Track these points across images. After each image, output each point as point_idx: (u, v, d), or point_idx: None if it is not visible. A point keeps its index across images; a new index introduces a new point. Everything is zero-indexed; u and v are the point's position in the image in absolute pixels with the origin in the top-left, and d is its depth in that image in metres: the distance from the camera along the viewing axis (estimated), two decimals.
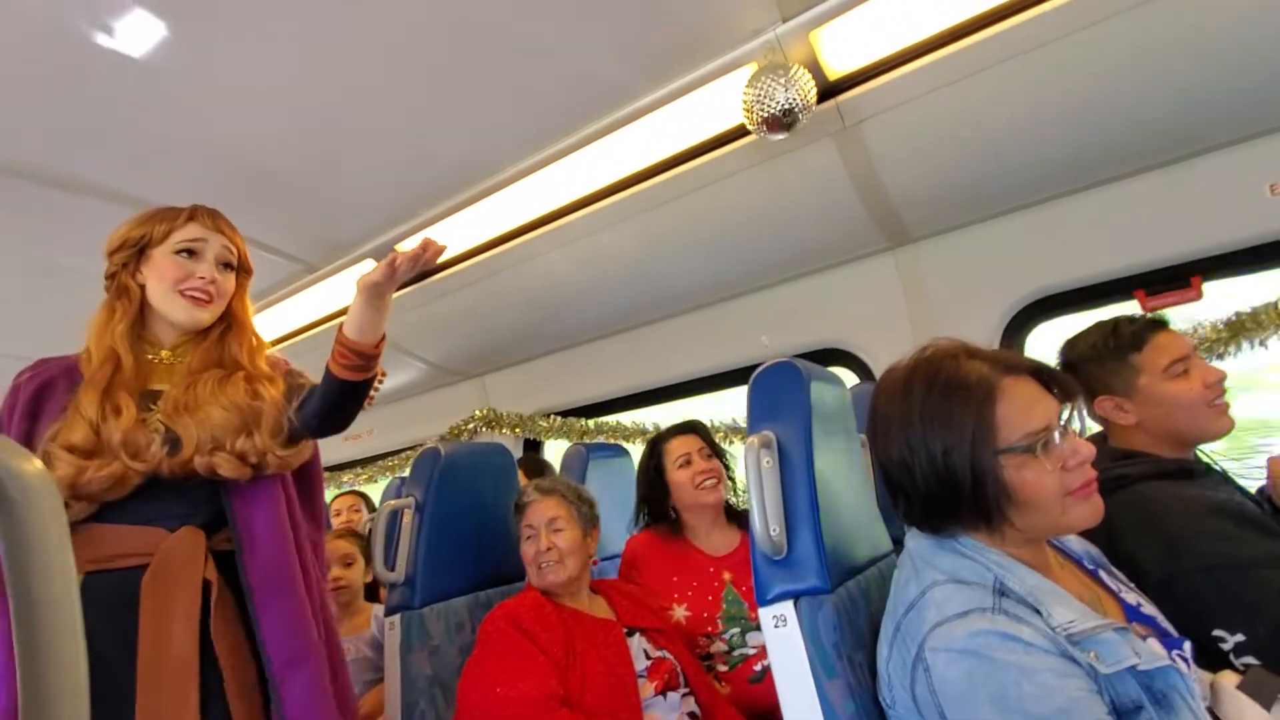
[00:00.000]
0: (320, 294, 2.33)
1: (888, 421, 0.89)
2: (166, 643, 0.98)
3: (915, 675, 0.80)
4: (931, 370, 0.87)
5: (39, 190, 1.67)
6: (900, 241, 1.95)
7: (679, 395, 2.52)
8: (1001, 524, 0.83)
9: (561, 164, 1.66)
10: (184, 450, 1.06)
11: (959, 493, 0.82)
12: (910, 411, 0.86)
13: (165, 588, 1.01)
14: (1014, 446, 0.81)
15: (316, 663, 1.08)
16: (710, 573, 1.65)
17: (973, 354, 0.88)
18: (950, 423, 0.83)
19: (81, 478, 0.99)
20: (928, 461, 0.84)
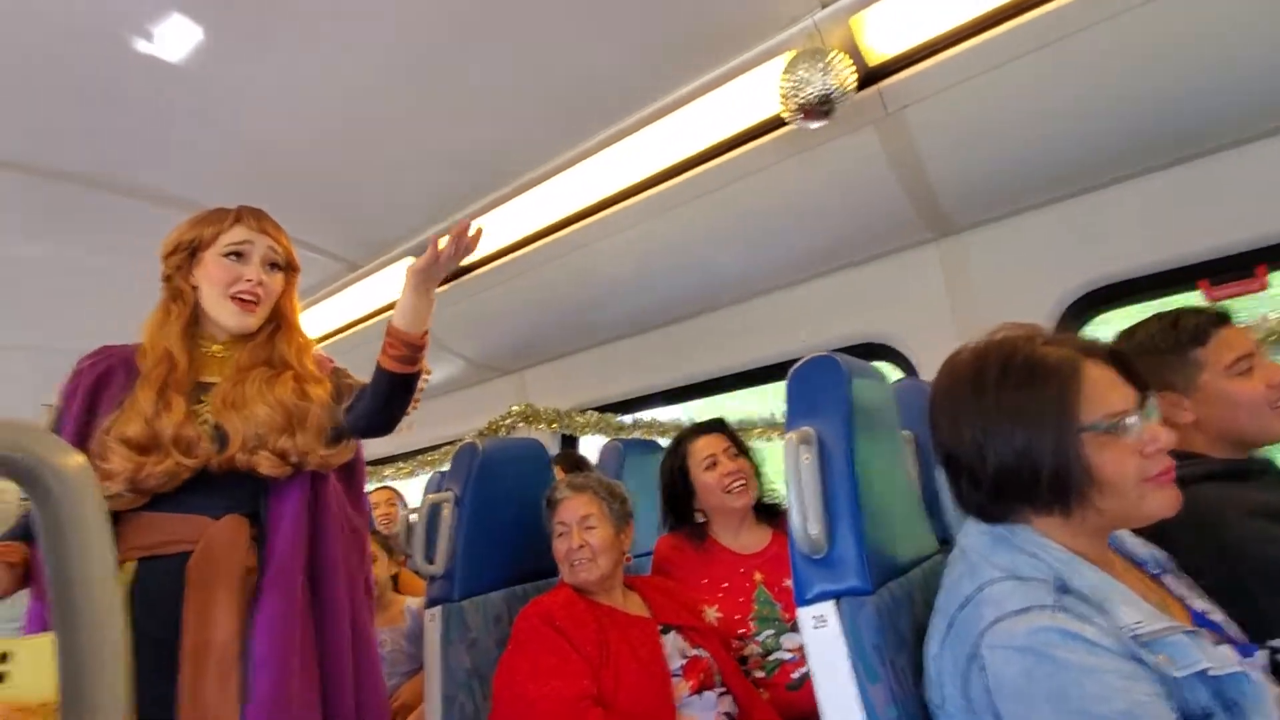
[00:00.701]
0: (362, 292, 2.38)
1: (956, 405, 0.87)
2: (210, 626, 1.01)
3: (969, 674, 0.78)
4: (1006, 353, 0.86)
5: (90, 194, 1.74)
6: (944, 232, 1.88)
7: (716, 390, 2.49)
8: (1080, 507, 0.81)
9: (598, 158, 1.65)
10: (230, 447, 1.10)
11: (1038, 473, 0.80)
12: (985, 393, 0.84)
13: (209, 573, 1.04)
14: (1096, 424, 0.79)
15: (284, 671, 1.06)
16: (741, 573, 1.62)
17: (1047, 338, 0.87)
18: (1031, 403, 0.81)
19: (140, 473, 1.03)
20: (1004, 442, 0.82)
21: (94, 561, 0.30)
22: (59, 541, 0.29)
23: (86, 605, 0.30)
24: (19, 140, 1.58)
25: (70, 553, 0.29)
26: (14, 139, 1.57)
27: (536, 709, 1.22)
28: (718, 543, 1.69)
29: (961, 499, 0.90)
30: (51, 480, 0.29)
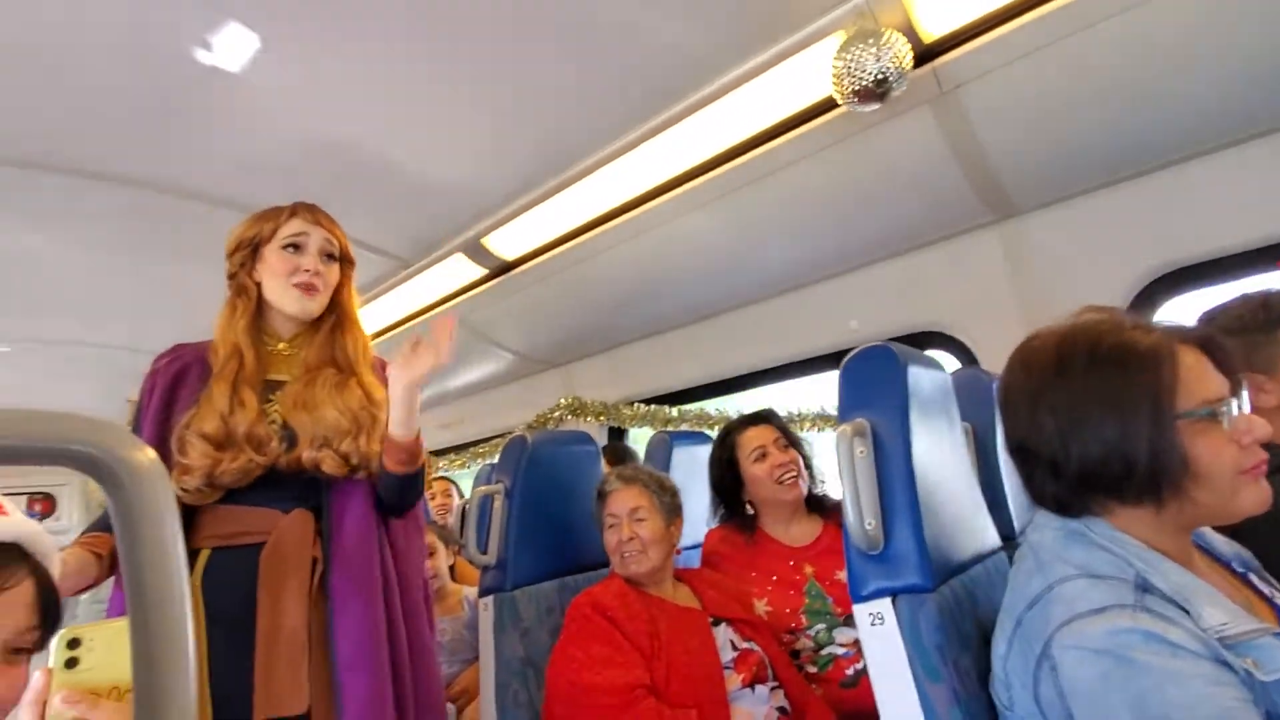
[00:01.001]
0: (414, 289, 2.44)
1: (1035, 392, 0.83)
2: (281, 615, 1.06)
3: (1039, 675, 0.75)
4: (1092, 338, 0.81)
5: (156, 199, 1.83)
6: (1005, 214, 1.80)
7: (764, 382, 2.46)
8: (1174, 500, 0.76)
9: (645, 147, 1.64)
10: (298, 446, 1.14)
11: (1131, 464, 0.76)
12: (1070, 380, 0.81)
13: (281, 564, 1.09)
14: (1193, 412, 0.75)
15: (377, 669, 1.10)
16: (790, 566, 1.60)
17: (1135, 322, 0.82)
18: (1124, 390, 0.77)
19: (217, 469, 1.08)
20: (1093, 432, 0.78)
21: (165, 551, 0.31)
22: (131, 532, 0.31)
23: (158, 592, 0.31)
24: (89, 149, 1.67)
25: (142, 542, 0.31)
26: (84, 148, 1.67)
27: (591, 697, 1.23)
28: (767, 535, 1.67)
29: (1035, 492, 0.86)
30: (123, 473, 0.30)
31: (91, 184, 1.77)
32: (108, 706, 0.48)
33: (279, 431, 1.15)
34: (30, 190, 1.78)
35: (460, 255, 2.19)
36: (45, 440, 0.28)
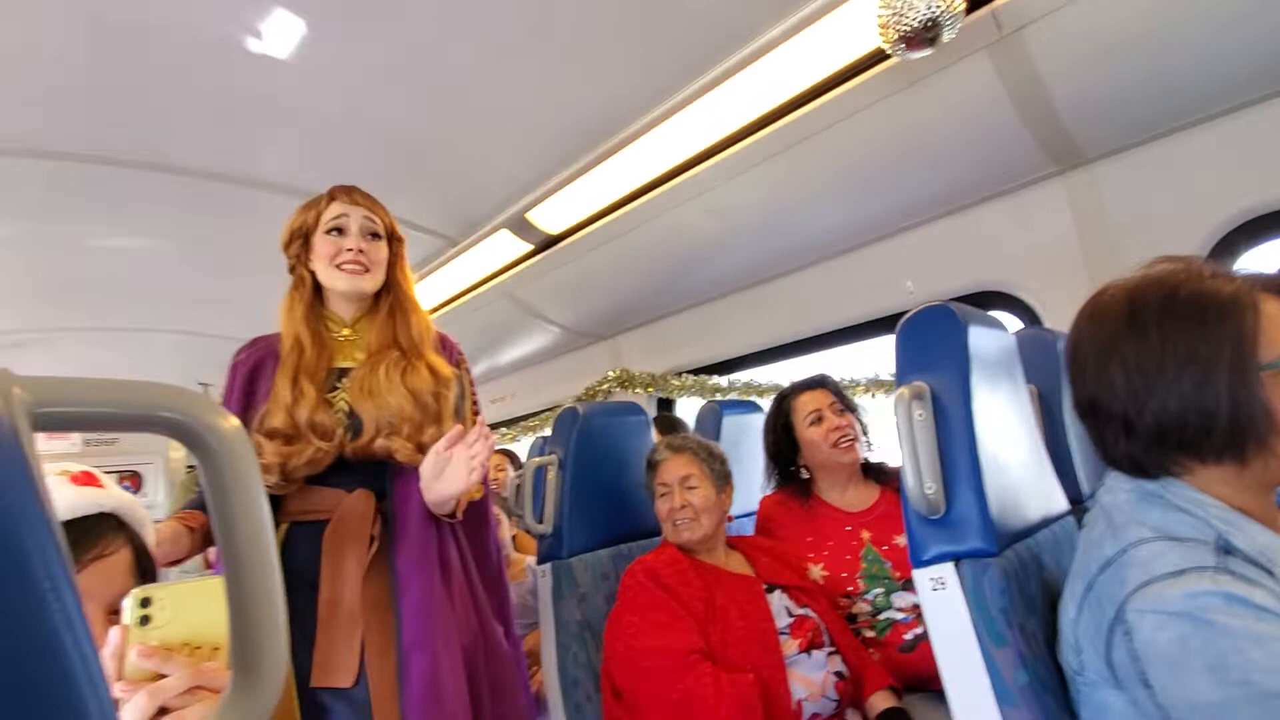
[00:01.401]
0: (462, 267, 2.48)
1: (1106, 348, 0.80)
2: (340, 588, 1.11)
3: (1112, 639, 0.74)
4: (1168, 288, 0.77)
5: (217, 188, 1.91)
6: (1071, 164, 1.70)
7: (814, 349, 2.41)
8: (1258, 456, 0.73)
9: (687, 113, 1.60)
10: (364, 435, 1.16)
11: (1211, 419, 0.73)
12: (1144, 334, 0.77)
13: (341, 541, 1.13)
14: (1278, 363, 0.71)
15: (443, 648, 1.11)
16: (847, 531, 1.59)
17: (1213, 271, 0.78)
18: (1202, 342, 0.73)
19: (289, 464, 1.11)
20: (1169, 387, 0.75)
21: (253, 514, 0.32)
22: (221, 497, 0.32)
23: (249, 554, 0.32)
24: (159, 144, 1.75)
25: (232, 507, 0.32)
26: (154, 143, 1.74)
27: (649, 660, 1.26)
28: (823, 500, 1.66)
29: (1107, 452, 0.83)
30: (212, 440, 0.32)
31: (163, 177, 1.85)
32: (180, 660, 0.51)
33: (345, 419, 1.17)
34: (110, 186, 1.88)
35: (506, 231, 2.21)
36: (140, 408, 0.30)
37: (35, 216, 2.03)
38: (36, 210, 1.99)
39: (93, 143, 1.72)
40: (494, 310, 2.76)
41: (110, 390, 0.29)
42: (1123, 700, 0.79)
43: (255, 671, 0.32)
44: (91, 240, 2.24)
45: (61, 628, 0.22)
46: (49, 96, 1.54)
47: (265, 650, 0.32)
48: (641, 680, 1.26)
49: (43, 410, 0.27)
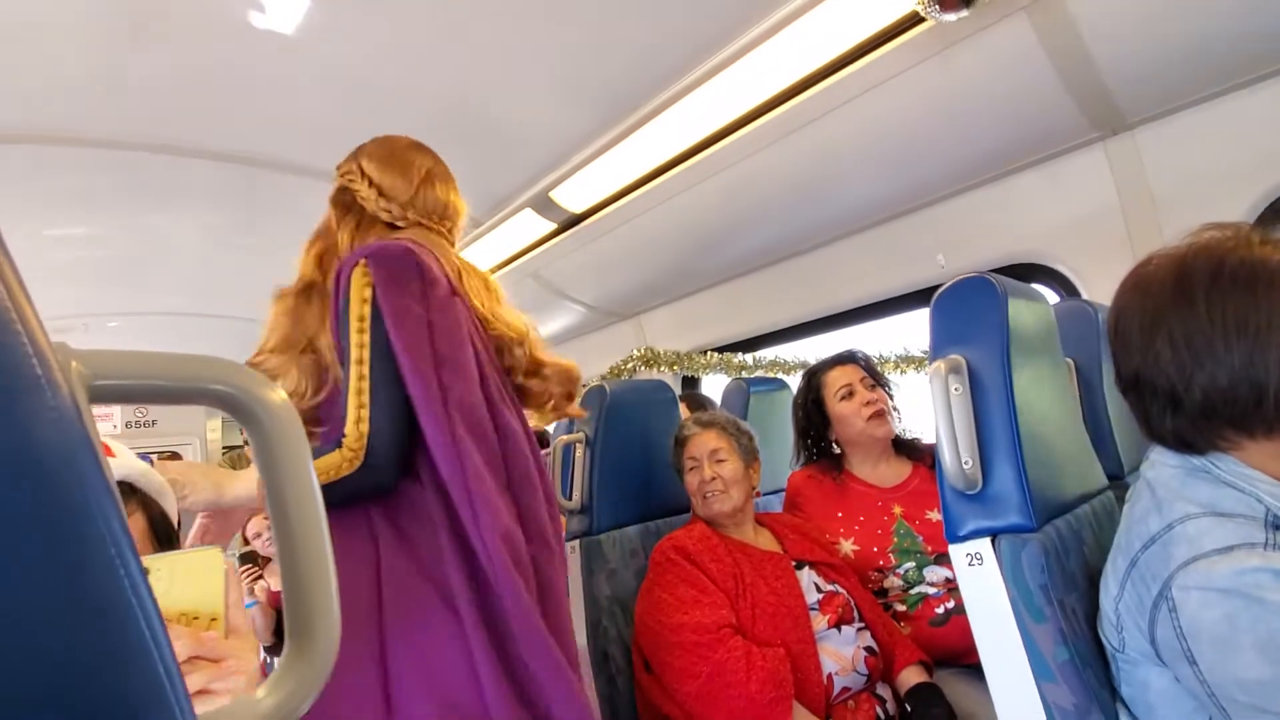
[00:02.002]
0: (485, 247, 2.48)
1: (1151, 320, 0.77)
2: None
3: (1156, 616, 0.73)
4: (1216, 257, 0.75)
5: (257, 174, 1.93)
6: (1114, 129, 1.63)
7: (842, 324, 2.38)
8: None
9: (711, 86, 1.57)
10: None
11: (1263, 392, 0.71)
12: (1191, 305, 0.74)
13: None
14: None
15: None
16: (879, 506, 1.58)
17: (1263, 238, 0.75)
18: (1253, 313, 0.71)
19: None
20: (1218, 359, 0.72)
21: (302, 485, 0.33)
22: (271, 468, 0.33)
23: (299, 524, 0.33)
24: (187, 129, 1.77)
25: (281, 478, 0.33)
26: (182, 128, 1.76)
27: (680, 635, 1.27)
28: (854, 475, 1.65)
29: (1153, 428, 0.81)
30: (260, 412, 0.32)
31: (203, 163, 1.88)
32: (179, 629, 0.51)
33: None
34: (154, 173, 1.92)
35: (529, 211, 2.20)
36: (191, 381, 0.30)
37: (83, 204, 2.08)
38: (84, 198, 2.04)
39: (136, 130, 1.75)
40: (518, 290, 2.77)
41: (163, 363, 0.30)
42: (1165, 678, 0.78)
43: (309, 639, 0.32)
44: (137, 227, 2.29)
45: (129, 593, 0.23)
46: (93, 84, 1.56)
47: (318, 618, 0.33)
48: (672, 654, 1.27)
49: (99, 383, 0.28)
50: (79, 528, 0.22)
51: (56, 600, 0.21)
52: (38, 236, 2.21)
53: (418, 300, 0.99)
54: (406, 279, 0.99)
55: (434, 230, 1.16)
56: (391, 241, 1.03)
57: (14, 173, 1.82)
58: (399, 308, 0.96)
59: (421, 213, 1.14)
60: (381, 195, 1.12)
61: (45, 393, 0.22)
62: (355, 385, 0.94)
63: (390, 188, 1.12)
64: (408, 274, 0.99)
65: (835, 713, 1.26)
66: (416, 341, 0.96)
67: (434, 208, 1.16)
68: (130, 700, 0.23)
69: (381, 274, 0.97)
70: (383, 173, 1.13)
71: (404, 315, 0.96)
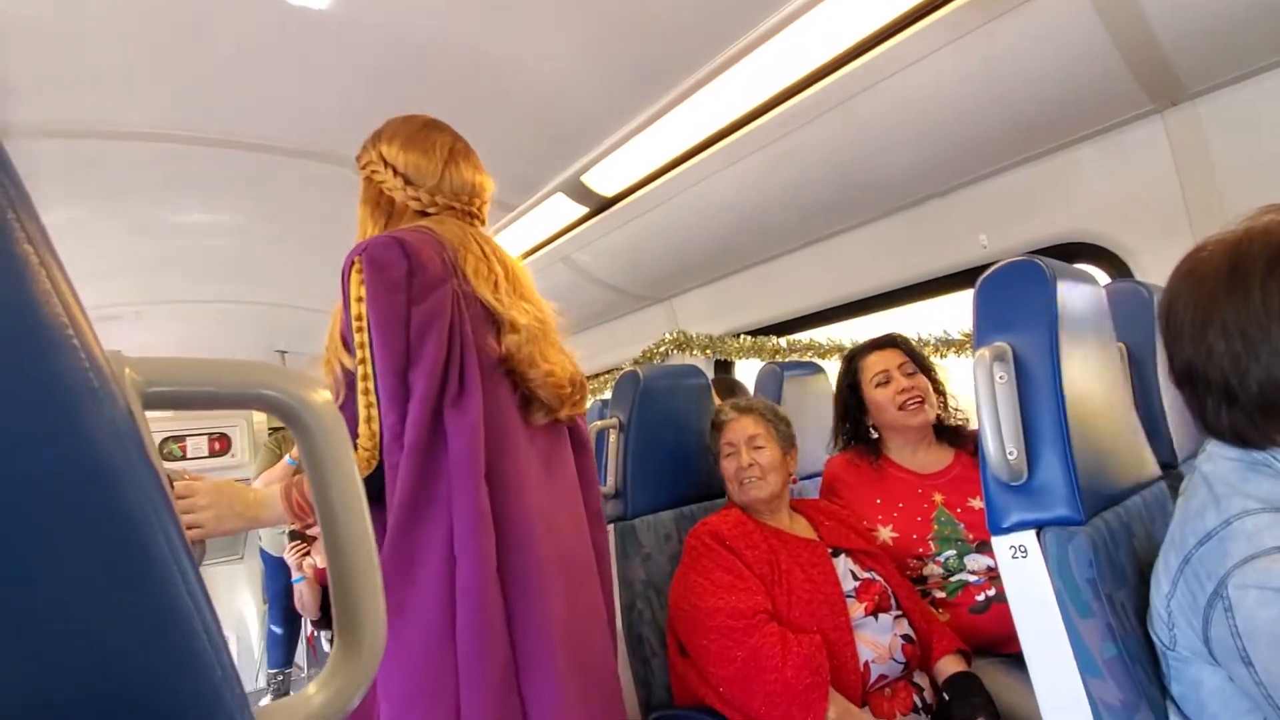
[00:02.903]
0: (517, 232, 2.49)
1: (1204, 309, 0.74)
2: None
3: (1210, 615, 0.70)
4: (1273, 243, 0.71)
5: (285, 162, 1.96)
6: (1172, 100, 1.55)
7: (879, 307, 2.33)
8: None
9: (745, 63, 1.53)
10: None
11: None
12: (1247, 294, 0.71)
13: None
14: None
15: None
16: (919, 494, 1.55)
17: None
18: None
19: None
20: (1274, 353, 0.69)
21: (347, 485, 0.33)
22: (317, 470, 0.33)
23: (345, 524, 0.33)
24: (218, 120, 1.80)
25: (327, 479, 0.33)
26: (221, 117, 1.80)
27: (715, 620, 1.27)
28: (893, 462, 1.63)
29: (1207, 422, 0.77)
30: (306, 415, 0.32)
31: (237, 153, 1.92)
32: None
33: None
34: (185, 163, 1.97)
35: (561, 195, 2.19)
36: (240, 387, 0.31)
37: (125, 196, 2.15)
38: (126, 190, 2.10)
39: (174, 123, 1.79)
40: (550, 274, 2.77)
41: (212, 370, 0.30)
42: (1219, 677, 0.76)
43: (357, 637, 0.33)
44: (174, 217, 2.36)
45: (188, 600, 0.23)
46: (131, 79, 1.60)
47: (365, 616, 0.34)
48: (708, 638, 1.28)
49: (152, 390, 0.29)
50: (138, 537, 0.23)
51: (117, 608, 0.22)
52: (84, 228, 2.29)
53: (402, 290, 0.96)
54: (390, 269, 0.96)
55: (464, 212, 1.13)
56: (388, 234, 1.01)
57: (60, 167, 1.89)
58: (380, 304, 0.94)
59: (450, 195, 1.11)
60: (408, 183, 1.09)
61: (103, 404, 0.23)
62: (361, 385, 0.94)
63: (416, 171, 1.09)
64: (391, 264, 0.96)
65: (872, 700, 1.25)
66: (388, 337, 0.94)
67: (461, 188, 1.13)
68: (189, 705, 0.24)
69: (370, 271, 0.95)
70: (405, 155, 1.10)
71: (384, 315, 0.94)
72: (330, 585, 0.35)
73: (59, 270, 0.23)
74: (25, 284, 0.21)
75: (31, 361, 0.21)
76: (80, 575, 0.21)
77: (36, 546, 0.20)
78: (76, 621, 0.21)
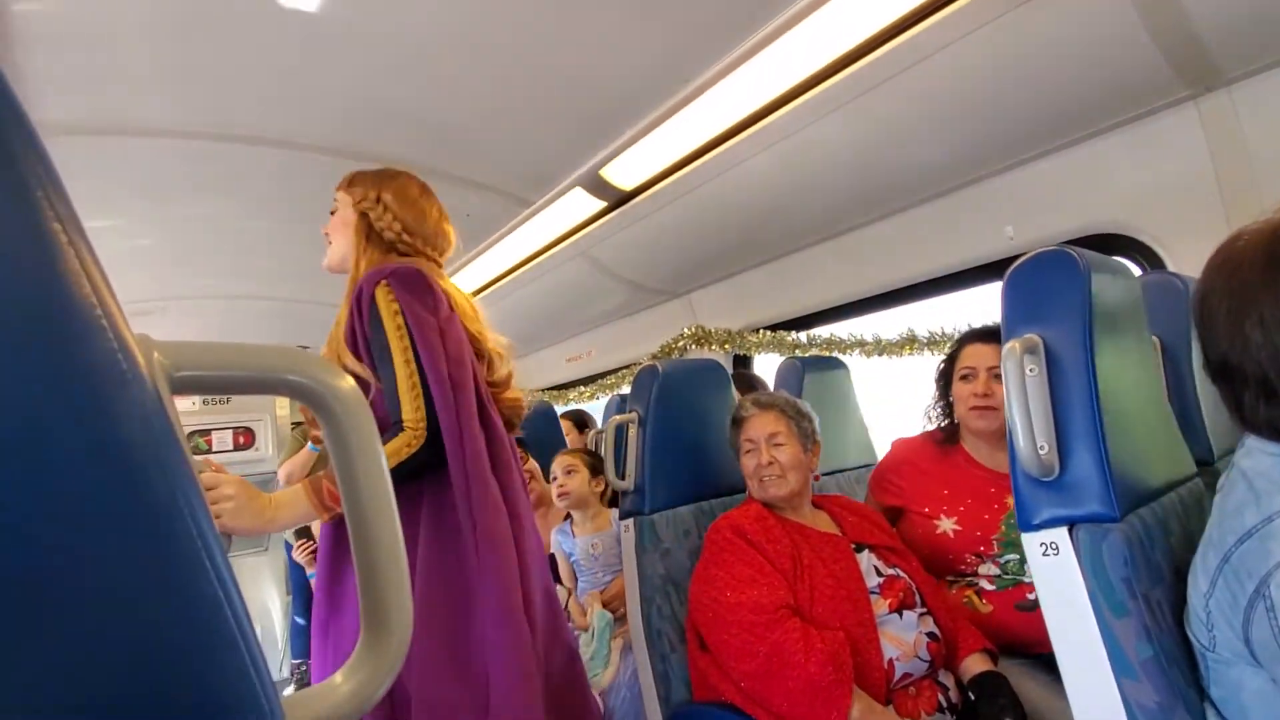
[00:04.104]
0: (535, 228, 2.49)
1: (1239, 301, 0.72)
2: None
3: (1252, 615, 0.68)
4: None
5: (304, 158, 1.97)
6: (1207, 86, 1.50)
7: (901, 301, 2.29)
8: None
9: (766, 54, 1.51)
10: None
11: None
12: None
13: None
14: None
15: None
16: (990, 492, 1.49)
17: None
18: None
19: None
20: None
21: (373, 472, 0.33)
22: (343, 456, 0.33)
23: (371, 511, 0.33)
24: (239, 115, 1.82)
25: (353, 465, 0.33)
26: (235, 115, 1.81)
27: (736, 615, 1.27)
28: (969, 454, 1.57)
29: (1245, 417, 0.75)
30: (332, 401, 0.32)
31: (254, 149, 1.94)
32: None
33: None
34: (211, 160, 1.99)
35: (579, 189, 2.19)
36: (266, 371, 0.31)
37: (147, 192, 2.18)
38: (149, 186, 2.13)
39: (199, 120, 1.81)
40: (568, 270, 2.77)
41: (239, 354, 0.30)
42: (1260, 679, 0.73)
43: (384, 625, 0.33)
44: (200, 213, 2.39)
45: (216, 585, 0.23)
46: (155, 75, 1.62)
47: (392, 605, 0.33)
48: (729, 633, 1.27)
49: (179, 374, 0.28)
50: (166, 520, 0.23)
51: (146, 591, 0.22)
52: (110, 225, 2.33)
53: (431, 312, 1.18)
54: (422, 295, 1.19)
55: (434, 261, 1.37)
56: (404, 264, 1.23)
57: (85, 164, 1.92)
58: (419, 318, 1.16)
59: (429, 244, 1.35)
60: (405, 230, 1.32)
61: (131, 387, 0.23)
62: (408, 381, 1.13)
63: (414, 225, 1.33)
64: (423, 291, 1.19)
65: (896, 698, 1.24)
66: (433, 344, 1.15)
67: (441, 244, 1.38)
68: (218, 688, 0.23)
69: (403, 290, 1.17)
70: (404, 212, 1.33)
71: (423, 324, 1.15)
72: (357, 574, 0.35)
73: (88, 251, 0.23)
74: (55, 262, 0.21)
75: (61, 341, 0.21)
76: (108, 553, 0.21)
77: (66, 525, 0.20)
78: (101, 605, 0.21)
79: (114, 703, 0.21)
